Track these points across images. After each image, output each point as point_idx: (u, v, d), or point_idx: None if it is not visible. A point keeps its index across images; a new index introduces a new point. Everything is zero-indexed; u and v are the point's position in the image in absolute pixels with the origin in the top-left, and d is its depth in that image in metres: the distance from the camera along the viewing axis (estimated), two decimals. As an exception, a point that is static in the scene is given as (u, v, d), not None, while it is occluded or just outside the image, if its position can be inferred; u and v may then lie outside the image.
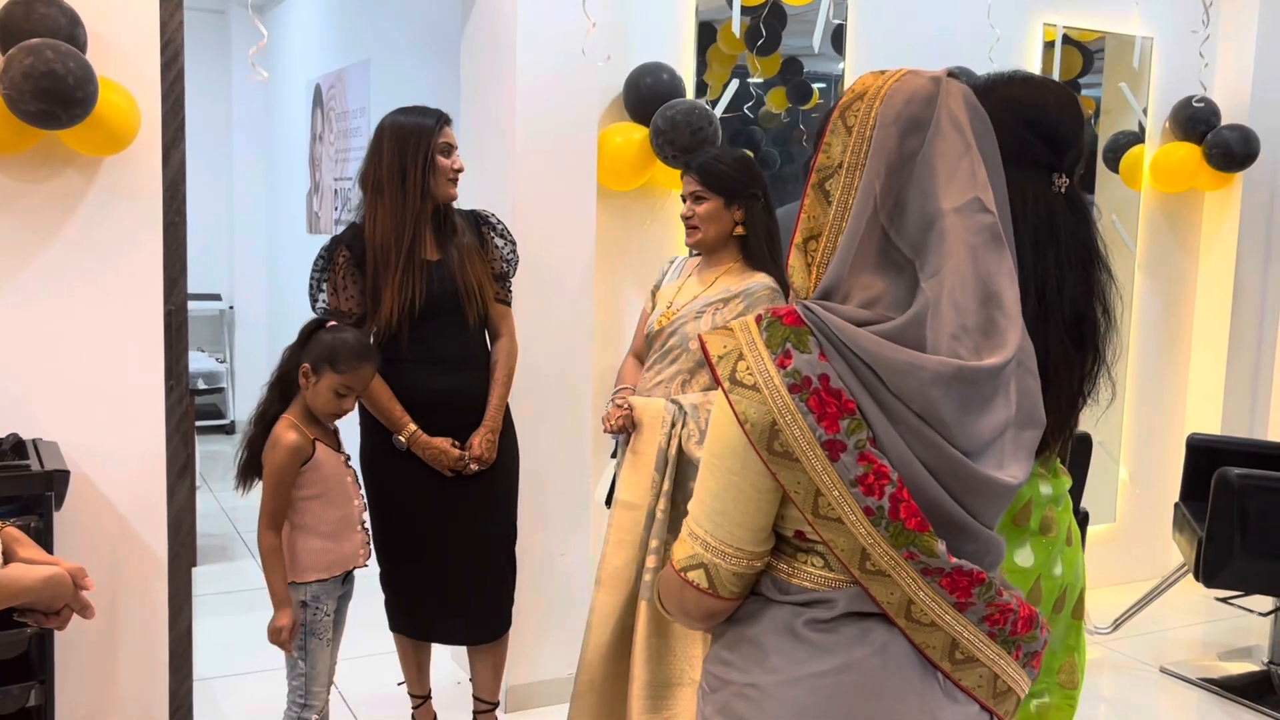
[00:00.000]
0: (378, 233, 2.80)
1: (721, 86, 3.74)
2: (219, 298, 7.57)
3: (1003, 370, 1.25)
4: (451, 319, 2.85)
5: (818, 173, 1.32)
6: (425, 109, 2.88)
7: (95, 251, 2.69)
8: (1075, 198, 1.76)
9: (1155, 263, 4.73)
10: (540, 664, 3.50)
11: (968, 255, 1.24)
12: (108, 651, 2.77)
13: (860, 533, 1.23)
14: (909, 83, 1.29)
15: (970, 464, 1.24)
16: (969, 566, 1.26)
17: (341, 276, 2.83)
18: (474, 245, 2.92)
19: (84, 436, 2.69)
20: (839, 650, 1.28)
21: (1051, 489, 1.84)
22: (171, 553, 2.85)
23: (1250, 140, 4.44)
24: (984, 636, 1.29)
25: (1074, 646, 1.95)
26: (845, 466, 1.22)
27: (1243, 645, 4.19)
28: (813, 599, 1.30)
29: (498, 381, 2.94)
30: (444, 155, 2.83)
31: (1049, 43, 4.33)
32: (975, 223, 1.25)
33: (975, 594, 1.28)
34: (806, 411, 1.22)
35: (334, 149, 5.88)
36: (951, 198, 1.25)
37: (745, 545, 1.30)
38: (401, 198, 2.80)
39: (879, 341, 1.23)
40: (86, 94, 2.41)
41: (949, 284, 1.23)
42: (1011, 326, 1.26)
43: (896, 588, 1.25)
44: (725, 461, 1.28)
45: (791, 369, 1.23)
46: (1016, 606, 1.31)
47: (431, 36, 4.71)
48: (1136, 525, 4.78)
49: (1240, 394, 4.81)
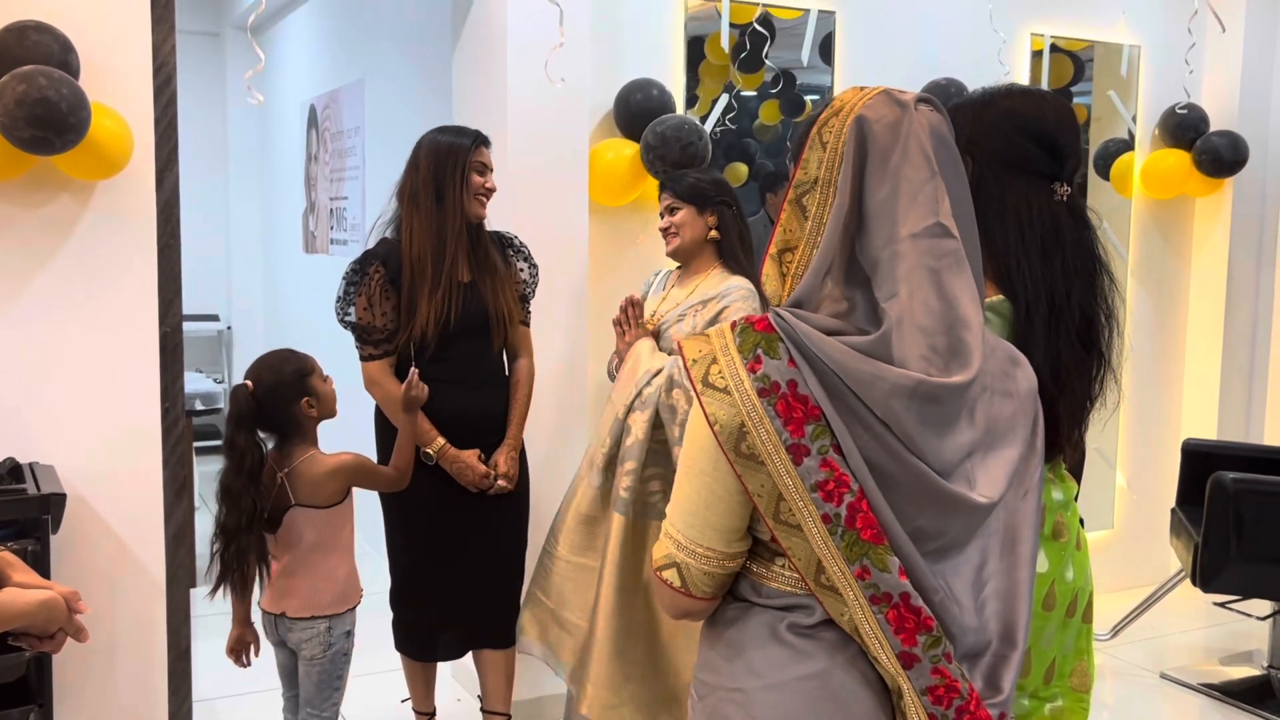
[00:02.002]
0: (414, 246, 2.84)
1: (711, 101, 3.76)
2: (216, 318, 7.58)
3: (967, 389, 1.26)
4: (479, 341, 2.90)
5: (795, 188, 1.35)
6: (463, 129, 2.95)
7: (90, 275, 2.71)
8: (1076, 206, 1.79)
9: (1148, 269, 4.75)
10: (546, 678, 3.50)
11: (928, 279, 1.26)
12: (106, 673, 2.77)
13: (817, 542, 1.25)
14: (878, 106, 1.31)
15: (935, 477, 1.25)
16: (917, 602, 1.25)
17: (376, 292, 2.85)
18: (505, 271, 2.97)
19: (80, 459, 2.70)
20: (820, 655, 1.30)
21: (1062, 494, 1.85)
22: (169, 574, 2.85)
23: (1239, 146, 4.46)
24: (923, 714, 1.26)
25: (1085, 650, 1.95)
26: (808, 471, 1.24)
27: (1243, 649, 4.19)
28: (791, 603, 1.32)
29: (518, 401, 3.01)
30: (478, 173, 2.88)
31: (1037, 52, 4.36)
32: (938, 248, 1.27)
33: (920, 644, 1.25)
34: (774, 415, 1.24)
35: (329, 169, 5.90)
36: (910, 223, 1.27)
37: (716, 546, 1.32)
38: (439, 213, 2.84)
39: (846, 351, 1.25)
40: (79, 120, 2.43)
41: (909, 309, 1.25)
42: (975, 350, 1.27)
43: (846, 608, 1.26)
44: (698, 463, 1.31)
45: (761, 374, 1.26)
46: (966, 694, 1.26)
47: (424, 56, 4.74)
48: (1134, 531, 4.78)
49: (1235, 399, 4.82)
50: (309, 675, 2.58)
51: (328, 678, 2.58)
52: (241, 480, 2.43)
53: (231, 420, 2.46)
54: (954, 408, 1.26)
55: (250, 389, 2.48)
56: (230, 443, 2.45)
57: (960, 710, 1.26)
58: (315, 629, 2.55)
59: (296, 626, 2.55)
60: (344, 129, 5.68)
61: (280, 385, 2.50)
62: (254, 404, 2.47)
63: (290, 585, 2.54)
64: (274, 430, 2.54)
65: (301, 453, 2.54)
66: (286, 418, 2.52)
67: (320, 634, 2.55)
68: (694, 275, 2.99)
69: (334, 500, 2.56)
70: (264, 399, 2.49)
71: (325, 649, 2.56)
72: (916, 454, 1.24)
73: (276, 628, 2.59)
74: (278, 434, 2.55)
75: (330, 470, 2.54)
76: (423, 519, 2.91)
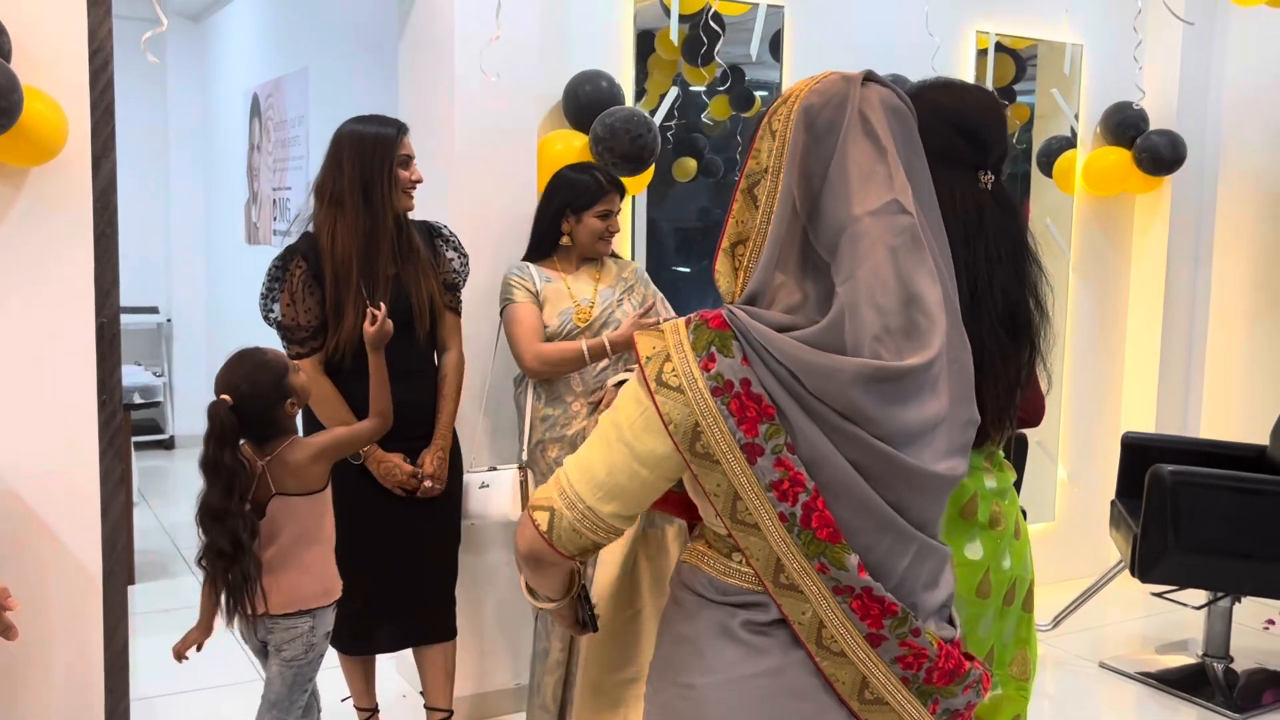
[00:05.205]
0: (338, 247, 2.76)
1: (660, 95, 3.75)
2: (156, 310, 7.43)
3: (925, 370, 1.26)
4: (403, 334, 2.80)
5: (747, 178, 1.34)
6: (384, 118, 2.86)
7: (23, 264, 2.63)
8: (1001, 194, 1.82)
9: (1089, 265, 4.82)
10: (488, 675, 3.48)
11: (888, 257, 1.25)
12: (40, 671, 2.70)
13: (775, 539, 1.25)
14: (824, 86, 1.31)
15: (899, 455, 1.25)
16: (880, 592, 1.25)
17: (299, 289, 2.79)
18: (428, 259, 2.91)
19: (14, 453, 2.62)
20: (774, 653, 1.29)
21: (996, 482, 1.87)
22: (106, 569, 2.79)
23: (1178, 145, 4.54)
24: (896, 680, 1.28)
25: (1025, 639, 1.97)
26: (762, 470, 1.23)
27: (1178, 639, 4.28)
28: (747, 600, 1.31)
29: (447, 397, 2.94)
30: (403, 167, 2.82)
31: (982, 50, 4.40)
32: (894, 224, 1.26)
33: (887, 626, 1.26)
34: (728, 414, 1.23)
35: (272, 159, 5.82)
36: (867, 201, 1.26)
37: (600, 510, 1.30)
38: (366, 212, 2.77)
39: (799, 346, 1.24)
40: (11, 103, 2.36)
41: (865, 287, 1.24)
42: (934, 328, 1.27)
43: (808, 605, 1.26)
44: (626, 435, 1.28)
45: (715, 372, 1.24)
46: (935, 654, 1.29)
47: (369, 44, 4.68)
48: (1075, 523, 4.86)
49: (1173, 393, 4.91)
50: (283, 676, 2.47)
51: (302, 680, 2.48)
52: (231, 502, 2.30)
53: (213, 439, 2.29)
54: (914, 384, 1.25)
55: (230, 403, 2.33)
56: (215, 464, 2.29)
57: (930, 670, 1.28)
58: (299, 628, 2.44)
59: (279, 625, 2.44)
60: (287, 118, 5.60)
61: (259, 396, 2.37)
62: (235, 419, 2.33)
63: (271, 582, 2.41)
64: (255, 437, 2.42)
65: (278, 441, 2.43)
66: (269, 422, 2.41)
67: (304, 633, 2.45)
68: (590, 263, 3.17)
69: (318, 486, 2.46)
70: (244, 410, 2.35)
71: (307, 649, 2.46)
72: (881, 437, 1.24)
73: (256, 630, 2.47)
74: (258, 438, 2.43)
75: (315, 453, 2.44)
76: (352, 514, 2.82)
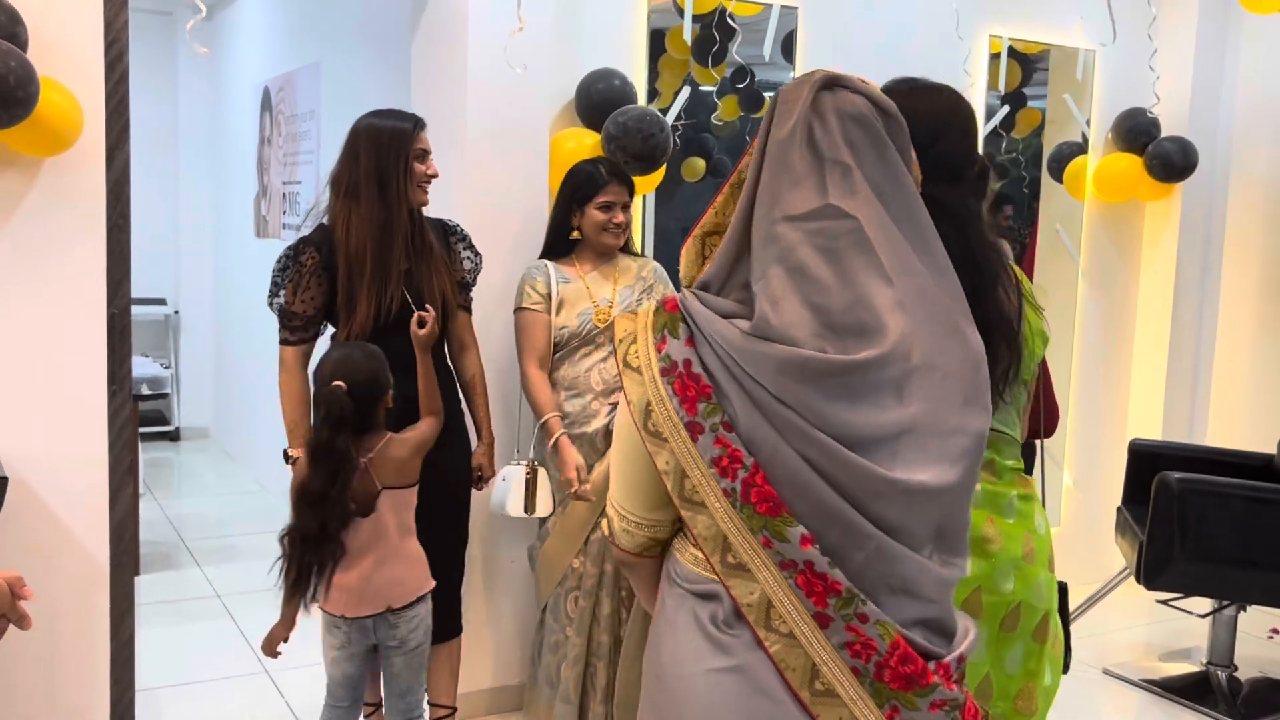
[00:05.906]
0: (352, 238, 2.78)
1: (673, 94, 3.75)
2: (164, 302, 7.45)
3: (874, 369, 1.25)
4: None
5: (739, 173, 1.39)
6: (401, 113, 2.88)
7: (36, 255, 2.64)
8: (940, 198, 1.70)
9: (1098, 271, 4.82)
10: (492, 671, 3.48)
11: (822, 260, 1.27)
12: (47, 661, 2.71)
13: (720, 517, 1.28)
14: (787, 89, 1.35)
15: (852, 456, 1.25)
16: (822, 568, 1.25)
17: (307, 279, 2.80)
18: (441, 255, 2.93)
19: (24, 443, 2.63)
20: (737, 651, 1.31)
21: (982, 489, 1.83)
22: (113, 560, 2.79)
23: (1189, 152, 4.53)
24: (846, 669, 1.27)
25: (1034, 671, 1.90)
26: (704, 448, 1.28)
27: (1183, 646, 4.27)
28: (706, 590, 1.33)
29: (480, 394, 3.03)
30: (419, 161, 2.84)
31: (995, 54, 4.40)
32: (829, 229, 1.28)
33: (832, 606, 1.25)
34: (672, 394, 1.29)
35: (283, 152, 5.82)
36: (791, 206, 1.29)
37: (633, 509, 1.41)
38: (381, 204, 2.79)
39: (734, 330, 1.29)
40: (28, 94, 2.37)
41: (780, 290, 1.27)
42: (883, 328, 1.26)
43: (756, 585, 1.28)
44: (621, 433, 1.39)
45: (665, 353, 1.31)
46: (886, 651, 1.26)
47: (382, 39, 4.68)
48: (1080, 529, 4.85)
49: (1180, 400, 4.91)
50: (409, 665, 2.59)
51: (422, 659, 2.62)
52: (333, 488, 2.38)
53: (331, 424, 2.40)
54: (859, 384, 1.26)
55: (345, 389, 2.42)
56: (327, 448, 2.39)
57: (880, 665, 1.27)
58: (419, 614, 2.57)
59: (404, 618, 2.54)
60: (298, 112, 5.60)
61: (373, 383, 2.50)
62: (353, 405, 2.42)
63: (390, 576, 2.50)
64: (357, 429, 2.49)
65: (375, 438, 2.53)
66: (372, 414, 2.52)
67: (423, 618, 2.58)
68: (606, 262, 3.15)
69: (416, 478, 2.59)
70: (357, 398, 2.45)
71: (427, 632, 2.60)
72: (821, 428, 1.25)
73: (375, 630, 2.54)
74: (359, 430, 2.50)
75: (415, 448, 2.58)
76: None
